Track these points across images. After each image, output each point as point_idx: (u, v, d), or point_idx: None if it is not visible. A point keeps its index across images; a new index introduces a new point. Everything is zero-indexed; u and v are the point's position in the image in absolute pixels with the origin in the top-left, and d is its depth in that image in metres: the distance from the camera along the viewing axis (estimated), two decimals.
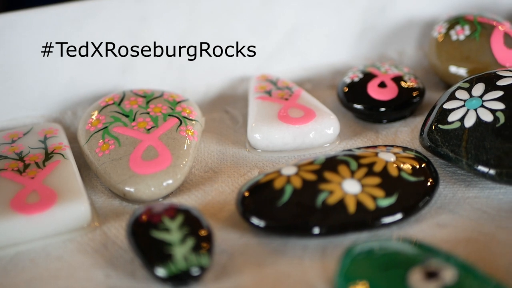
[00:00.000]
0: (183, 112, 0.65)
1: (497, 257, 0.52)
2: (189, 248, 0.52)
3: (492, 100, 0.60)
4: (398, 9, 0.76)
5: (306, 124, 0.64)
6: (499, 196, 0.58)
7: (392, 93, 0.67)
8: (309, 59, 0.75)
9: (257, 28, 0.73)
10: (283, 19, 0.74)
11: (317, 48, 0.75)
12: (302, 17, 0.74)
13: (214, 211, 0.58)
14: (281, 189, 0.55)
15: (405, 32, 0.77)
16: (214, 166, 0.63)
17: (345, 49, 0.76)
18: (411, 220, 0.56)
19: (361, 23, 0.76)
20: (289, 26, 0.74)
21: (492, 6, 0.79)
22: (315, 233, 0.54)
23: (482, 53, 0.69)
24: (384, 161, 0.57)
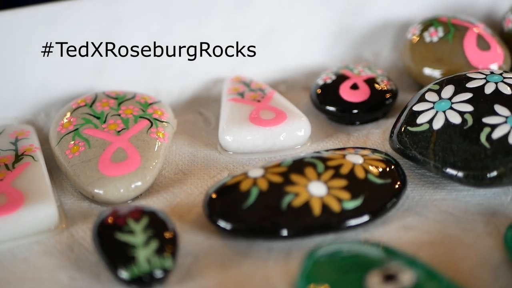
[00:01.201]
0: (154, 114, 0.65)
1: (461, 260, 0.52)
2: (152, 250, 0.52)
3: (461, 102, 0.60)
4: (374, 11, 0.76)
5: (277, 126, 0.64)
6: (467, 198, 0.58)
7: (364, 95, 0.67)
8: (284, 60, 0.75)
9: (232, 30, 0.73)
10: (258, 21, 0.74)
11: (293, 49, 0.75)
12: (278, 19, 0.74)
13: (182, 213, 0.58)
14: (247, 191, 0.55)
15: (381, 34, 0.77)
16: (185, 168, 0.63)
17: (321, 51, 0.76)
18: (378, 222, 0.56)
19: (336, 25, 0.76)
20: (265, 27, 0.74)
21: (469, 8, 0.79)
22: (280, 235, 0.54)
23: (455, 55, 0.69)
24: (351, 164, 0.57)
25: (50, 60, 0.69)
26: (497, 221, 0.55)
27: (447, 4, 0.78)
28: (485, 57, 0.69)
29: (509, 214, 0.56)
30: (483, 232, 0.54)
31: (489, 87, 0.61)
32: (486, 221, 0.55)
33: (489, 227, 0.55)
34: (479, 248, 0.53)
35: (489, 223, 0.55)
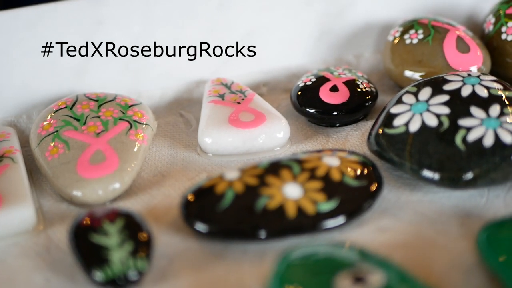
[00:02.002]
0: (134, 116, 0.65)
1: (434, 261, 0.52)
2: (127, 252, 0.52)
3: (438, 104, 0.60)
4: (356, 13, 0.76)
5: (256, 128, 0.64)
6: (442, 200, 0.58)
7: (343, 97, 0.67)
8: (266, 62, 0.75)
9: (214, 31, 0.73)
10: (240, 23, 0.74)
11: (275, 51, 0.75)
12: (260, 21, 0.74)
13: (159, 215, 0.59)
14: (222, 194, 0.56)
15: (363, 36, 0.77)
16: (163, 170, 0.64)
17: (303, 53, 0.76)
18: (353, 224, 0.56)
19: (318, 27, 0.76)
20: (247, 29, 0.74)
21: (451, 11, 0.79)
22: (255, 237, 0.54)
23: (435, 57, 0.69)
24: (327, 166, 0.58)
25: (32, 62, 0.69)
26: (471, 223, 0.56)
27: (430, 6, 0.78)
28: (464, 59, 0.69)
29: (484, 216, 0.56)
30: (457, 234, 0.55)
31: (466, 89, 0.61)
32: (461, 223, 0.56)
33: (463, 229, 0.55)
34: (453, 250, 0.53)
35: (464, 225, 0.56)
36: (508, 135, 0.57)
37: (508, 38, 0.71)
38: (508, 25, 0.71)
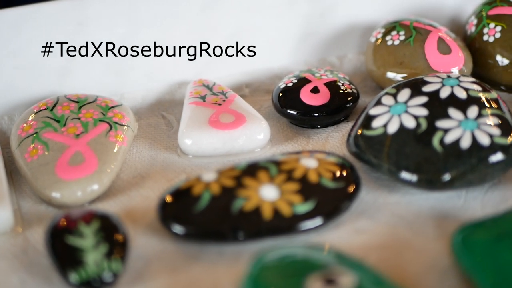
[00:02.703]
0: (114, 117, 0.66)
1: (409, 263, 0.52)
2: (101, 254, 0.52)
3: (416, 106, 0.60)
4: (339, 15, 0.76)
5: (236, 129, 0.64)
6: (420, 202, 0.58)
7: (324, 98, 0.67)
8: (249, 64, 0.75)
9: (198, 33, 0.73)
10: (224, 24, 0.74)
11: (258, 53, 0.75)
12: (243, 22, 0.74)
13: (137, 216, 0.59)
14: (199, 195, 0.56)
15: (346, 38, 0.77)
16: (143, 172, 0.64)
17: (286, 54, 0.76)
18: (330, 226, 0.56)
19: (302, 28, 0.76)
20: (230, 30, 0.74)
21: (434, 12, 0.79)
22: (231, 239, 0.54)
23: (416, 59, 0.69)
24: (304, 167, 0.58)
25: (14, 63, 0.69)
26: (448, 224, 0.56)
27: (414, 8, 0.78)
28: (446, 60, 0.69)
29: (460, 217, 0.56)
30: (433, 235, 0.55)
31: (444, 91, 0.61)
32: (437, 225, 0.56)
33: (439, 230, 0.55)
34: (428, 252, 0.53)
35: (440, 226, 0.56)
36: (485, 137, 0.57)
37: (490, 39, 0.71)
38: (489, 27, 0.71)
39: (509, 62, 0.70)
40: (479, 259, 0.49)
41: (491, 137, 0.57)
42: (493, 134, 0.57)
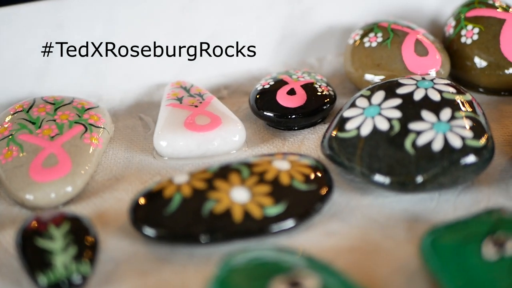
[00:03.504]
0: (90, 119, 0.66)
1: (378, 266, 0.52)
2: (70, 256, 0.52)
3: (390, 108, 0.60)
4: (319, 16, 0.76)
5: (211, 131, 0.64)
6: (392, 204, 0.58)
7: (300, 100, 0.67)
8: (228, 65, 0.75)
9: (177, 34, 0.73)
10: (203, 25, 0.74)
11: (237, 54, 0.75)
12: (222, 24, 0.74)
13: (109, 218, 0.59)
14: (170, 197, 0.56)
15: (325, 39, 0.77)
16: (118, 174, 0.64)
17: (265, 56, 0.76)
18: (301, 228, 0.56)
19: (281, 30, 0.76)
20: (209, 32, 0.74)
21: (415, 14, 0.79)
22: (201, 242, 0.54)
23: (393, 61, 0.69)
24: (276, 170, 0.58)
25: None
26: (419, 227, 0.55)
27: (394, 9, 0.78)
28: (422, 62, 0.69)
29: (432, 220, 0.56)
30: (403, 238, 0.55)
31: (418, 93, 0.61)
32: (408, 227, 0.56)
33: (410, 233, 0.55)
34: (397, 254, 0.53)
35: (411, 229, 0.55)
36: (457, 139, 0.57)
37: (468, 41, 0.71)
38: (467, 28, 0.71)
39: (487, 64, 0.70)
40: (446, 262, 0.49)
41: (463, 140, 0.57)
42: (465, 136, 0.57)
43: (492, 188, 0.59)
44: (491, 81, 0.70)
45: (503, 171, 0.61)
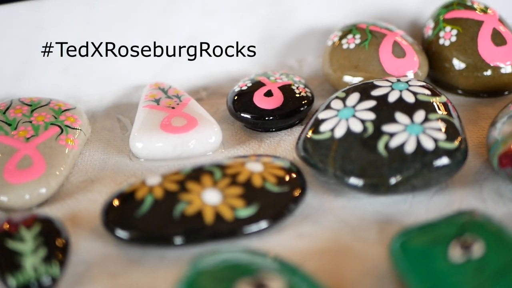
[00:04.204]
0: (66, 120, 0.66)
1: (347, 269, 0.52)
2: (40, 258, 0.52)
3: (364, 110, 0.60)
4: (299, 18, 0.76)
5: (186, 133, 0.64)
6: (365, 206, 0.58)
7: (277, 102, 0.67)
8: (208, 67, 0.75)
9: (156, 35, 0.73)
10: (182, 27, 0.74)
11: (216, 56, 0.75)
12: (202, 25, 0.74)
13: (83, 220, 0.59)
14: (142, 199, 0.56)
15: (305, 41, 0.77)
16: (93, 175, 0.64)
17: (245, 58, 0.76)
18: (273, 230, 0.56)
19: (261, 32, 0.76)
20: (189, 34, 0.74)
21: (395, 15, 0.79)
22: (172, 243, 0.54)
23: (370, 62, 0.69)
24: (249, 171, 0.58)
25: None
26: (391, 229, 0.55)
27: (375, 11, 0.78)
28: (400, 64, 0.69)
29: (404, 222, 0.56)
30: (374, 240, 0.55)
31: (393, 95, 0.61)
32: (380, 230, 0.56)
33: (382, 235, 0.55)
34: (368, 257, 0.53)
35: (383, 231, 0.55)
36: (430, 141, 0.57)
37: (446, 43, 0.71)
38: (446, 30, 0.71)
39: (466, 66, 0.70)
40: (414, 264, 0.49)
41: (435, 142, 0.57)
42: (438, 138, 0.57)
43: (466, 190, 0.59)
44: (469, 83, 0.70)
45: (477, 173, 0.61)
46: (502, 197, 0.58)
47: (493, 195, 0.58)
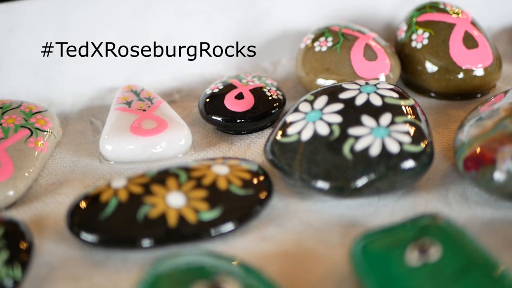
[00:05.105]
0: (37, 123, 0.66)
1: (308, 272, 0.52)
2: (1, 261, 0.52)
3: (331, 113, 0.60)
4: (273, 20, 0.77)
5: (156, 135, 0.64)
6: (331, 209, 0.58)
7: (247, 104, 0.67)
8: (181, 69, 0.75)
9: (130, 37, 0.73)
10: (156, 29, 0.74)
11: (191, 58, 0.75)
12: (176, 27, 0.74)
13: (49, 223, 0.59)
14: (106, 202, 0.56)
15: (280, 43, 0.77)
16: (62, 178, 0.64)
17: (219, 60, 0.76)
18: (237, 233, 0.56)
19: (235, 34, 0.76)
20: (162, 35, 0.74)
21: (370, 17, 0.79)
22: (136, 246, 0.54)
23: (342, 65, 0.69)
24: (215, 174, 0.58)
25: None
26: (355, 232, 0.55)
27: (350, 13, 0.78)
28: (371, 67, 0.69)
29: (368, 225, 0.56)
30: (337, 243, 0.55)
31: (360, 98, 0.61)
32: (344, 233, 0.56)
33: (345, 238, 0.55)
34: (329, 260, 0.53)
35: (346, 234, 0.55)
36: (395, 144, 0.57)
37: (418, 46, 0.71)
38: (418, 33, 0.71)
39: (438, 68, 0.70)
40: (372, 268, 0.49)
41: (400, 145, 0.57)
42: (403, 141, 0.57)
43: (432, 193, 0.59)
44: (441, 86, 0.70)
45: (444, 176, 0.61)
46: (467, 200, 0.58)
47: (458, 198, 0.58)
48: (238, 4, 0.75)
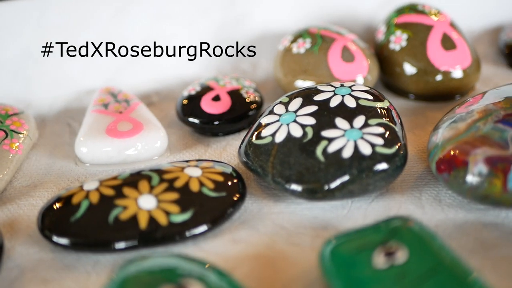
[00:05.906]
0: (12, 125, 0.65)
1: (278, 275, 0.52)
2: None
3: (305, 115, 0.60)
4: (253, 22, 0.76)
5: (131, 137, 0.64)
6: (304, 211, 0.58)
7: (224, 106, 0.67)
8: (161, 71, 0.75)
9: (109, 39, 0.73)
10: (136, 30, 0.74)
11: (170, 60, 0.75)
12: (156, 29, 0.74)
13: (22, 225, 0.58)
14: (77, 204, 0.56)
15: (259, 45, 0.77)
16: (37, 180, 0.64)
17: (199, 62, 0.76)
18: (209, 235, 0.56)
19: (214, 35, 0.76)
20: (142, 37, 0.74)
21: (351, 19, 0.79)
22: (106, 248, 0.54)
23: (319, 67, 0.69)
24: (187, 176, 0.57)
25: None
26: (326, 234, 0.55)
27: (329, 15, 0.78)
28: (348, 68, 0.68)
29: (340, 228, 0.56)
30: (309, 246, 0.54)
31: (335, 100, 0.61)
32: (316, 235, 0.55)
33: (316, 241, 0.55)
34: (300, 262, 0.53)
35: (318, 237, 0.55)
36: (367, 147, 0.57)
37: (396, 47, 0.70)
38: (396, 35, 0.71)
39: (416, 70, 0.69)
40: (340, 270, 0.49)
41: (373, 147, 0.57)
42: (376, 144, 0.57)
43: (405, 195, 0.59)
44: (419, 88, 0.70)
45: (418, 179, 0.60)
46: (440, 203, 0.58)
47: (431, 201, 0.58)
48: (218, 5, 0.75)
